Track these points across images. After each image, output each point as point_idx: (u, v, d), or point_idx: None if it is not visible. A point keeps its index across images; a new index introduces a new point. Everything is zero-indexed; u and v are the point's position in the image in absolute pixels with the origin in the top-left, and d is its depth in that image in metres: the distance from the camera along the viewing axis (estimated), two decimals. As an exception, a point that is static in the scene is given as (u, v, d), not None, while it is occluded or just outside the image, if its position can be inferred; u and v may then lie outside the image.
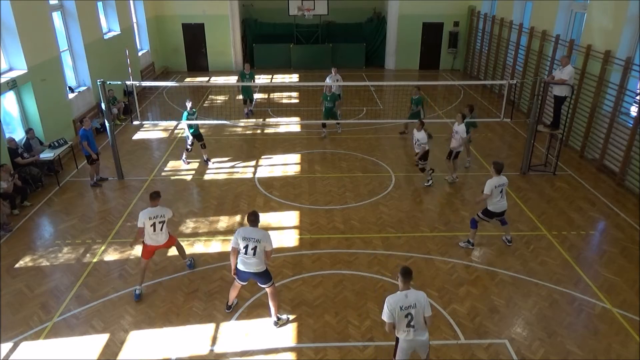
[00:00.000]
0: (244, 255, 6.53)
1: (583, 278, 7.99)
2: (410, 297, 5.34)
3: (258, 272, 6.64)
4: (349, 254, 8.61)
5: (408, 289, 5.39)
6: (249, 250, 6.47)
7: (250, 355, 6.47)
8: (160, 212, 7.50)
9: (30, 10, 11.58)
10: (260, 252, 6.50)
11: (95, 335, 6.82)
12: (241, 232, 6.55)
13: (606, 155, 11.63)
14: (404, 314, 5.30)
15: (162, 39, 22.11)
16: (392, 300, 5.34)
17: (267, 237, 6.54)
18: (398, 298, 5.35)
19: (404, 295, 5.35)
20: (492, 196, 8.12)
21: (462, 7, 21.76)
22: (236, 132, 14.77)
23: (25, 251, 8.75)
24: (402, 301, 5.32)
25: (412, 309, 5.31)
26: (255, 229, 6.58)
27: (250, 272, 6.63)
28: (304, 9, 21.81)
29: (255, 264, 6.56)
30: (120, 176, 11.52)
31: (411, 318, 5.31)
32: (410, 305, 5.31)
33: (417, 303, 5.33)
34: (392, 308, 5.30)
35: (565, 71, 11.01)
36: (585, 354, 6.49)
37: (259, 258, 6.54)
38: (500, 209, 8.31)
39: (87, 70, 14.77)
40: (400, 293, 5.38)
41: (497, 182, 8.04)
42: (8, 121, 11.17)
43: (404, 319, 5.31)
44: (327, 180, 11.46)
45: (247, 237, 6.48)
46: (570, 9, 14.22)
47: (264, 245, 6.50)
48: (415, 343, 5.45)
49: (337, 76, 14.62)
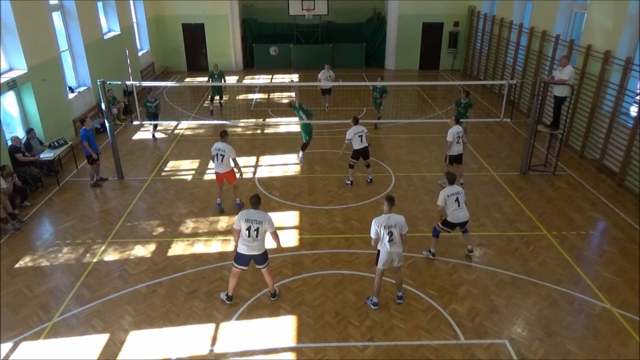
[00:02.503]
0: (247, 237, 6.78)
1: (583, 278, 7.99)
2: (392, 219, 6.79)
3: (259, 255, 6.97)
4: (349, 254, 8.61)
5: (390, 213, 6.80)
6: (252, 232, 6.74)
7: (250, 355, 6.47)
8: (222, 146, 9.46)
9: (30, 10, 11.58)
10: (262, 233, 6.80)
11: (95, 335, 6.81)
12: (244, 214, 6.79)
13: (606, 155, 11.62)
14: (386, 232, 6.74)
15: (162, 39, 22.11)
16: (378, 221, 6.78)
17: (268, 219, 6.84)
18: (383, 219, 6.78)
19: (387, 217, 6.78)
20: (447, 206, 7.97)
21: (462, 7, 21.76)
22: (236, 132, 14.77)
23: (25, 251, 8.75)
24: (385, 221, 6.76)
25: (393, 228, 6.75)
26: (258, 211, 6.83)
27: (252, 254, 6.92)
28: (305, 9, 21.84)
29: (258, 247, 6.88)
30: (120, 176, 11.52)
31: (391, 235, 6.75)
32: (392, 225, 6.75)
33: (397, 224, 6.77)
34: (378, 226, 6.75)
35: (565, 71, 11.00)
36: (585, 354, 6.49)
37: (262, 240, 6.87)
38: (459, 219, 8.07)
39: (87, 70, 14.78)
40: (384, 215, 6.80)
41: (449, 192, 7.89)
42: (8, 121, 11.17)
43: (386, 235, 6.75)
44: (327, 180, 11.47)
45: (250, 219, 6.74)
46: (570, 9, 14.22)
47: (266, 227, 6.80)
48: (393, 255, 6.90)
49: (330, 72, 15.14)
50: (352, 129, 10.76)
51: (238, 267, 7.09)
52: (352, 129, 10.76)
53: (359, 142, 10.75)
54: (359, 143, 10.75)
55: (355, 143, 10.75)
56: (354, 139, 10.72)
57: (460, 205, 7.98)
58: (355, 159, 10.97)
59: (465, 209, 8.08)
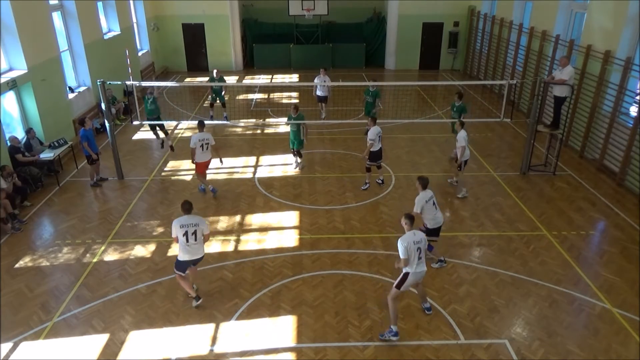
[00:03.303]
0: (186, 243, 6.87)
1: (583, 278, 7.99)
2: (418, 235, 6.43)
3: (202, 257, 7.16)
4: (349, 254, 8.61)
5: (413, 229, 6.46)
6: (190, 236, 6.83)
7: (250, 355, 6.47)
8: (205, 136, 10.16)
9: (30, 10, 11.58)
10: (200, 235, 6.93)
11: (95, 335, 6.82)
12: (177, 221, 6.89)
13: (606, 155, 11.62)
14: (415, 248, 6.34)
15: (162, 39, 22.11)
16: (406, 239, 6.33)
17: (203, 221, 6.99)
18: (409, 236, 6.38)
19: (413, 233, 6.41)
20: (425, 212, 7.77)
21: (462, 7, 21.76)
22: (236, 132, 14.77)
23: (25, 251, 8.75)
24: (413, 238, 6.36)
25: (420, 244, 6.39)
26: (191, 216, 6.94)
27: (196, 258, 7.06)
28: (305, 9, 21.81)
29: (198, 248, 7.00)
30: (120, 176, 11.52)
31: (420, 251, 6.38)
32: (419, 240, 6.39)
33: (423, 239, 6.44)
34: (408, 244, 6.30)
35: (565, 71, 11.00)
36: (585, 354, 6.50)
37: (201, 242, 7.00)
38: (440, 222, 7.94)
39: (87, 70, 14.78)
40: (409, 232, 6.41)
41: (425, 197, 7.74)
42: (8, 121, 11.17)
43: (416, 252, 6.35)
44: (327, 180, 11.46)
45: (185, 224, 6.84)
46: (570, 9, 14.22)
47: (202, 229, 6.92)
48: (420, 275, 6.53)
49: (326, 77, 14.38)
50: (374, 129, 10.41)
51: (181, 275, 7.15)
52: (374, 129, 10.41)
53: (379, 143, 10.53)
54: (378, 144, 10.54)
55: (377, 144, 10.50)
56: (377, 140, 10.45)
57: (437, 207, 7.87)
58: (374, 162, 10.73)
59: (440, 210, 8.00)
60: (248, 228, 9.49)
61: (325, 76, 14.49)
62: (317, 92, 14.95)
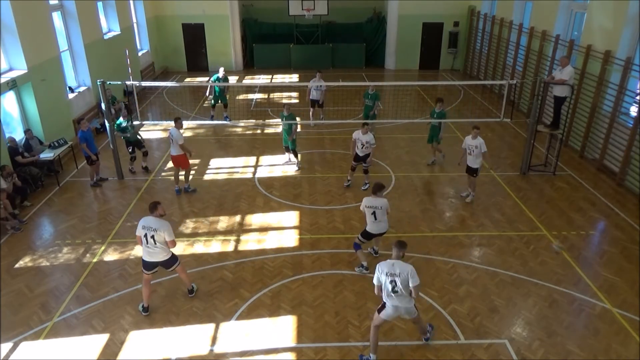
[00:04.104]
0: (147, 245, 6.73)
1: (583, 278, 7.99)
2: (397, 267, 5.85)
3: (163, 261, 6.92)
4: (349, 254, 8.61)
5: (397, 259, 5.91)
6: (149, 239, 6.68)
7: (250, 355, 6.47)
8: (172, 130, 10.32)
9: (30, 10, 11.58)
10: (160, 241, 6.70)
11: (95, 335, 6.82)
12: (142, 221, 6.77)
13: (606, 155, 11.62)
14: (388, 280, 5.85)
15: (162, 39, 22.11)
16: (381, 266, 5.93)
17: (165, 227, 6.68)
18: (385, 265, 5.91)
19: (391, 263, 5.88)
20: (366, 215, 7.71)
21: (462, 7, 21.76)
22: (236, 132, 14.77)
23: (25, 251, 8.75)
24: (388, 268, 5.86)
25: (397, 277, 5.82)
26: (155, 219, 6.74)
27: (154, 261, 6.89)
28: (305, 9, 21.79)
29: (159, 253, 6.79)
30: (120, 176, 11.52)
31: (394, 285, 5.84)
32: (395, 273, 5.82)
33: (402, 273, 5.81)
34: (380, 272, 5.91)
35: (565, 71, 11.00)
36: (585, 354, 6.49)
37: (161, 247, 6.76)
38: (376, 230, 7.78)
39: (87, 70, 14.78)
40: (389, 261, 5.93)
41: (366, 203, 7.63)
42: (8, 121, 11.17)
43: (389, 284, 5.86)
44: (327, 180, 11.46)
45: (146, 226, 6.69)
46: (570, 9, 14.22)
47: (163, 235, 6.66)
48: (400, 310, 6.00)
49: (320, 81, 13.95)
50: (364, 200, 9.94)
51: (146, 273, 7.00)
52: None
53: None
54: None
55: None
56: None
57: (377, 219, 7.63)
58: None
59: (385, 224, 7.72)
60: (248, 228, 9.49)
61: (320, 80, 14.08)
62: (312, 95, 14.63)
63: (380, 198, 7.63)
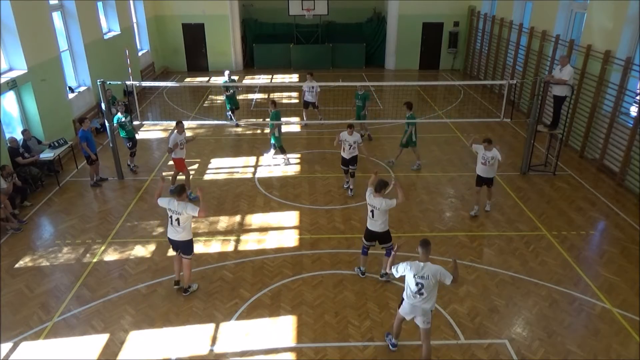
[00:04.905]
0: (171, 225, 7.15)
1: (583, 278, 7.99)
2: (425, 270, 5.78)
3: (183, 241, 7.23)
4: (349, 254, 8.61)
5: (426, 261, 5.82)
6: (174, 222, 7.09)
7: (250, 355, 6.47)
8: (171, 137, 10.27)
9: (30, 10, 11.58)
10: (184, 222, 7.07)
11: (95, 335, 6.81)
12: (169, 203, 7.09)
13: (606, 155, 11.63)
14: (414, 282, 5.79)
15: (162, 39, 22.11)
16: (411, 266, 5.81)
17: (188, 208, 7.00)
18: (415, 266, 5.81)
19: (421, 266, 5.80)
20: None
21: (462, 7, 21.76)
22: (236, 132, 14.77)
23: (25, 251, 8.75)
24: (417, 270, 5.79)
25: (425, 280, 5.77)
26: (179, 203, 7.04)
27: (179, 240, 7.23)
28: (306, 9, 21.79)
29: (181, 232, 7.17)
30: (120, 176, 11.52)
31: (421, 287, 5.79)
32: (424, 276, 5.77)
33: (431, 277, 5.76)
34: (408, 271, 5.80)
35: (565, 71, 11.00)
36: (585, 354, 6.49)
37: (184, 229, 7.14)
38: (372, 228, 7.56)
39: (87, 70, 14.78)
40: (419, 263, 5.82)
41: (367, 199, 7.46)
42: (8, 121, 11.17)
43: (415, 286, 5.81)
44: (327, 180, 11.46)
45: (172, 210, 7.07)
46: (570, 9, 14.22)
47: (186, 216, 7.05)
48: (418, 309, 5.91)
49: (313, 83, 13.86)
50: (357, 135, 10.41)
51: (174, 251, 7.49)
52: (357, 135, 10.41)
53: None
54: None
55: (347, 151, 10.38)
56: (349, 146, 10.35)
57: (374, 217, 7.47)
58: (345, 166, 10.67)
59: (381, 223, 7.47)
60: (248, 228, 9.49)
61: (312, 81, 13.98)
62: (305, 97, 14.55)
63: (380, 198, 7.42)
